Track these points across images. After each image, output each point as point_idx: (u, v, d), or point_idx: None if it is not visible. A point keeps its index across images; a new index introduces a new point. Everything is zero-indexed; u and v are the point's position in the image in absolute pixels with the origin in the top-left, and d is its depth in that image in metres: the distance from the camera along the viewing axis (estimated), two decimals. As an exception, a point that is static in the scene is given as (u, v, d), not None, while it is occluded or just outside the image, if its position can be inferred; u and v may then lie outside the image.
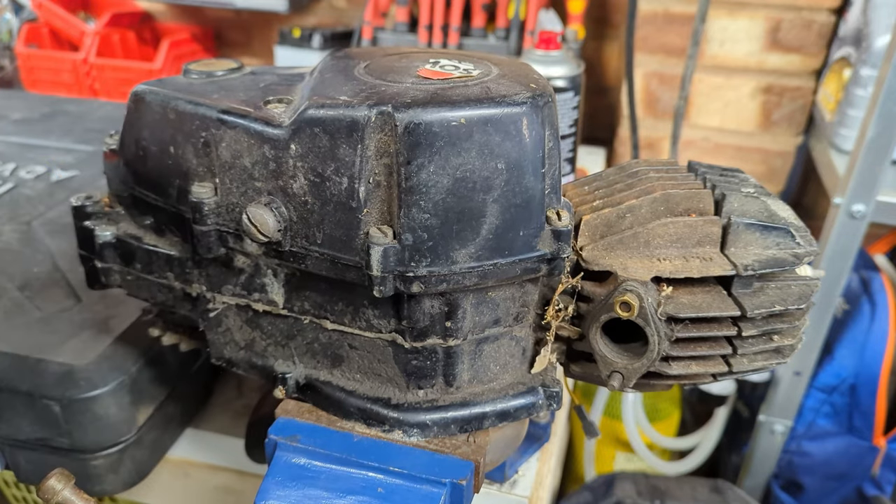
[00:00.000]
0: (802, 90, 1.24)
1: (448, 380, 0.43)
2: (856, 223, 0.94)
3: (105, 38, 1.55)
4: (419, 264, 0.37)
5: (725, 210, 0.43)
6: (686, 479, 1.11)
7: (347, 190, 0.37)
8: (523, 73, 0.41)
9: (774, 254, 0.42)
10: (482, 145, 0.36)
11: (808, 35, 1.20)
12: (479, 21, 1.33)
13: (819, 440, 1.14)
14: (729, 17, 1.22)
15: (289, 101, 0.41)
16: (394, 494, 0.39)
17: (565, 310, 0.44)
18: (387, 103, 0.36)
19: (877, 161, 0.90)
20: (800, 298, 0.42)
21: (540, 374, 0.46)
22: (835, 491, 1.16)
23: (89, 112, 1.05)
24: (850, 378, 1.11)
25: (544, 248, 0.39)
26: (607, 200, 0.44)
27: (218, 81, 0.45)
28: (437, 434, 0.43)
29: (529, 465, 0.67)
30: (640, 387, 0.45)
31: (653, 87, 1.32)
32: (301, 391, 0.46)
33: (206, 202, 0.41)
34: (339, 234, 0.38)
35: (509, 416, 0.44)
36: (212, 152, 0.40)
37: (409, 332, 0.41)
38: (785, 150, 1.30)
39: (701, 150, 1.34)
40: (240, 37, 1.71)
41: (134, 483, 0.63)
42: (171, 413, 0.66)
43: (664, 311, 0.40)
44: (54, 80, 1.55)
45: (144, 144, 0.43)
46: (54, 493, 0.35)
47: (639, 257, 0.42)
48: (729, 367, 0.42)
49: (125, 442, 0.59)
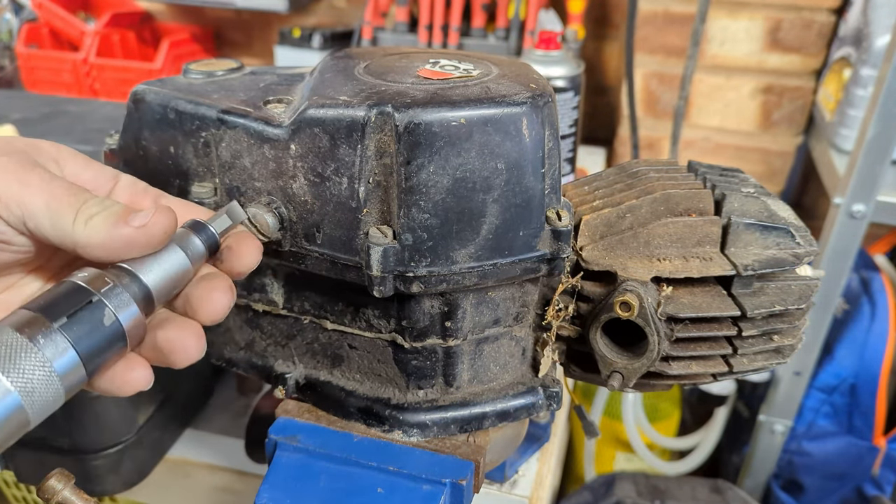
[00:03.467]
0: (802, 90, 1.24)
1: (448, 380, 0.43)
2: (856, 223, 0.94)
3: (105, 38, 1.55)
4: (419, 264, 0.37)
5: (725, 210, 0.43)
6: (686, 479, 1.11)
7: (347, 190, 0.37)
8: (523, 73, 0.41)
9: (774, 254, 0.42)
10: (482, 145, 0.36)
11: (808, 35, 1.20)
12: (479, 21, 1.33)
13: (819, 440, 1.14)
14: (729, 17, 1.22)
15: (289, 101, 0.41)
16: (394, 494, 0.39)
17: (565, 310, 0.44)
18: (387, 103, 0.36)
19: (877, 161, 0.90)
20: (800, 298, 0.42)
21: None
22: (835, 491, 1.16)
23: (89, 112, 1.05)
24: (850, 378, 1.11)
25: (544, 248, 0.39)
26: (607, 200, 0.44)
27: (218, 81, 0.45)
28: (436, 434, 0.43)
29: (529, 465, 0.67)
30: (640, 387, 0.45)
31: (653, 87, 1.32)
32: (301, 391, 0.46)
33: (206, 202, 0.41)
34: (338, 234, 0.38)
35: (509, 417, 0.44)
36: (212, 152, 0.40)
37: (409, 332, 0.41)
38: (785, 150, 1.30)
39: (701, 150, 1.34)
40: (240, 37, 1.71)
41: (134, 483, 0.63)
42: (171, 413, 0.66)
43: (664, 311, 0.40)
44: (54, 80, 1.55)
45: (144, 144, 0.43)
46: (54, 493, 0.34)
47: (639, 257, 0.42)
48: (729, 367, 0.42)
49: (125, 442, 0.59)
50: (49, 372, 0.27)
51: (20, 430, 0.27)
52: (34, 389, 0.27)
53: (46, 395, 0.27)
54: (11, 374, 0.26)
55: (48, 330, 0.28)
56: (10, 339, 0.27)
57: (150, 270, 0.31)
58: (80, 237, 0.30)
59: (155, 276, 0.31)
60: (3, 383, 0.26)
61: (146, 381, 0.32)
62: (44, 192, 0.30)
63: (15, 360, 0.27)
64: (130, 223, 0.30)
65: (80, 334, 0.28)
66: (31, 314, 0.28)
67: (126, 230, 0.30)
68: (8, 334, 0.27)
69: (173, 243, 0.32)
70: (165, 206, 0.31)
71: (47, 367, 0.27)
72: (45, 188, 0.30)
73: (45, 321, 0.28)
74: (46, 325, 0.28)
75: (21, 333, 0.27)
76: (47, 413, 0.28)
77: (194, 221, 0.34)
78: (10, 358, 0.27)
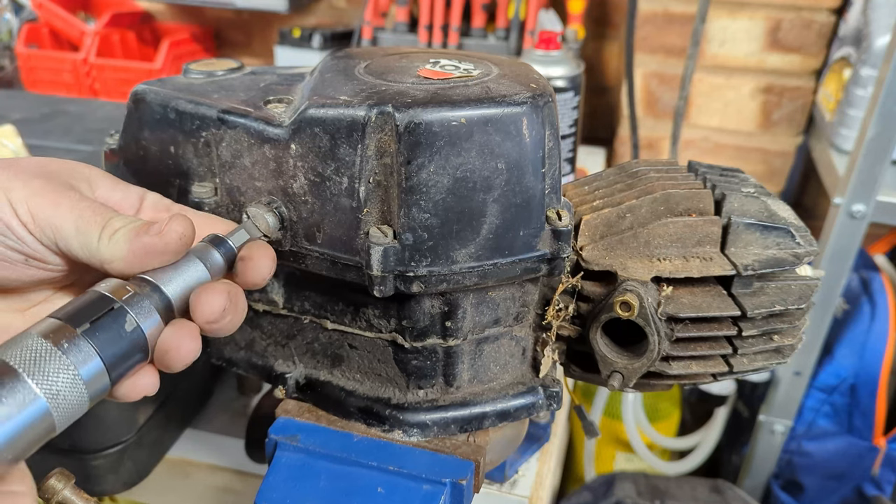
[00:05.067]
0: (802, 90, 1.24)
1: (448, 380, 0.43)
2: (856, 223, 0.94)
3: (105, 38, 1.55)
4: (419, 264, 0.37)
5: (725, 210, 0.43)
6: (686, 479, 1.11)
7: (347, 190, 0.37)
8: (523, 73, 0.41)
9: (774, 254, 0.42)
10: (482, 145, 0.36)
11: (808, 35, 1.20)
12: (479, 21, 1.33)
13: (819, 440, 1.14)
14: (729, 17, 1.22)
15: (289, 101, 0.41)
16: (394, 494, 0.39)
17: (565, 309, 0.44)
18: (387, 103, 0.36)
19: (877, 161, 0.90)
20: (800, 298, 0.42)
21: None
22: (835, 491, 1.16)
23: (89, 112, 1.05)
24: (850, 378, 1.11)
25: (544, 248, 0.39)
26: (607, 200, 0.44)
27: (218, 81, 0.45)
28: (437, 434, 0.43)
29: (529, 465, 0.67)
30: (640, 387, 0.45)
31: (653, 87, 1.32)
32: (301, 391, 0.46)
33: (207, 202, 0.41)
34: (339, 234, 0.38)
35: (509, 416, 0.44)
36: (212, 152, 0.40)
37: (409, 332, 0.41)
38: (785, 150, 1.30)
39: (701, 150, 1.34)
40: (240, 37, 1.71)
41: (134, 483, 0.63)
42: (171, 413, 0.66)
43: (664, 311, 0.40)
44: (54, 80, 1.54)
45: (144, 144, 0.43)
46: (54, 493, 0.35)
47: (639, 257, 0.42)
48: (729, 366, 0.42)
49: (125, 442, 0.59)
50: (74, 376, 0.28)
51: (46, 435, 0.27)
52: (59, 393, 0.27)
53: (72, 400, 0.28)
54: (38, 378, 0.27)
55: (73, 336, 0.28)
56: (36, 344, 0.27)
57: (171, 281, 0.32)
58: (104, 253, 0.31)
59: (175, 287, 0.32)
60: (30, 388, 0.26)
61: (153, 387, 0.33)
62: (73, 212, 0.32)
63: (41, 365, 0.27)
64: (149, 233, 0.31)
65: (104, 340, 0.29)
66: (57, 322, 0.29)
67: (145, 238, 0.31)
68: (34, 340, 0.27)
69: (193, 255, 0.33)
70: (180, 214, 0.32)
71: (72, 372, 0.28)
72: (75, 209, 0.32)
73: (69, 328, 0.28)
74: (71, 331, 0.28)
75: (46, 339, 0.28)
76: (72, 419, 0.28)
77: (213, 236, 0.35)
78: (35, 363, 0.27)
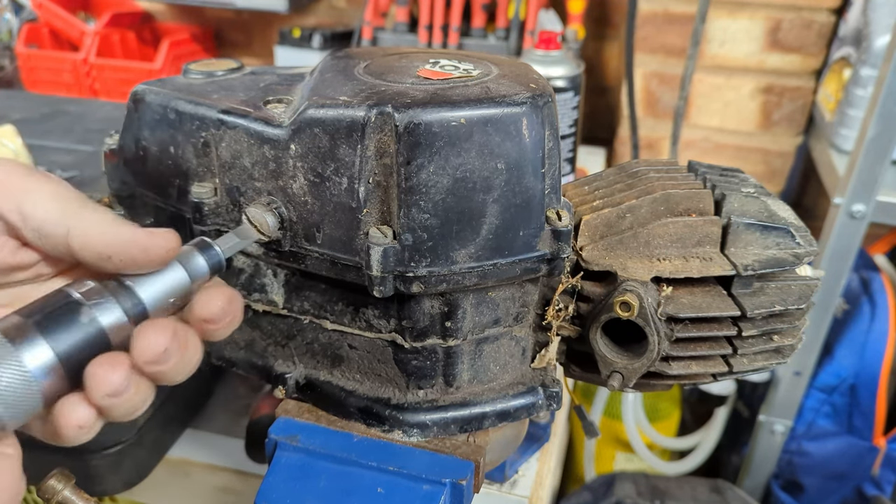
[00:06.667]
0: (802, 90, 1.24)
1: (448, 380, 0.43)
2: (856, 223, 0.94)
3: (105, 38, 1.55)
4: (419, 264, 0.37)
5: (725, 210, 0.43)
6: (686, 479, 1.11)
7: (347, 190, 0.37)
8: (523, 73, 0.41)
9: (774, 254, 0.42)
10: (482, 145, 0.36)
11: (808, 35, 1.20)
12: (479, 21, 1.33)
13: (819, 440, 1.14)
14: (729, 17, 1.22)
15: (289, 101, 0.41)
16: (394, 494, 0.39)
17: (565, 310, 0.44)
18: (387, 103, 0.36)
19: (877, 161, 0.90)
20: (800, 298, 0.42)
21: (540, 374, 0.46)
22: (835, 491, 1.16)
23: (89, 112, 1.05)
24: (850, 378, 1.11)
25: (544, 248, 0.39)
26: (607, 200, 0.44)
27: (218, 81, 0.45)
28: (436, 434, 0.43)
29: (529, 465, 0.67)
30: (640, 387, 0.45)
31: (653, 87, 1.32)
32: (301, 391, 0.46)
33: (207, 202, 0.41)
34: (338, 234, 0.38)
35: (509, 416, 0.44)
36: (212, 152, 0.40)
37: (409, 332, 0.41)
38: (785, 150, 1.30)
39: (701, 150, 1.34)
40: (240, 37, 1.71)
41: (134, 483, 0.63)
42: (171, 413, 0.66)
43: (664, 311, 0.40)
44: (54, 80, 1.55)
45: (144, 144, 0.43)
46: (54, 493, 0.35)
47: (639, 257, 0.42)
48: (729, 367, 0.42)
49: (125, 442, 0.59)
50: (19, 364, 0.28)
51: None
52: (2, 380, 0.27)
53: (18, 389, 0.28)
54: None
55: (24, 327, 0.28)
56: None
57: (144, 281, 0.32)
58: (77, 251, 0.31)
59: (148, 287, 0.32)
60: None
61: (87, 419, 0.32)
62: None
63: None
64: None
65: (55, 331, 0.29)
66: (14, 316, 0.29)
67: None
68: None
69: (174, 259, 0.33)
70: (166, 230, 0.32)
71: (15, 358, 0.28)
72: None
73: (22, 320, 0.29)
74: (23, 322, 0.29)
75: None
76: (26, 411, 0.28)
77: (201, 240, 0.35)
78: None
